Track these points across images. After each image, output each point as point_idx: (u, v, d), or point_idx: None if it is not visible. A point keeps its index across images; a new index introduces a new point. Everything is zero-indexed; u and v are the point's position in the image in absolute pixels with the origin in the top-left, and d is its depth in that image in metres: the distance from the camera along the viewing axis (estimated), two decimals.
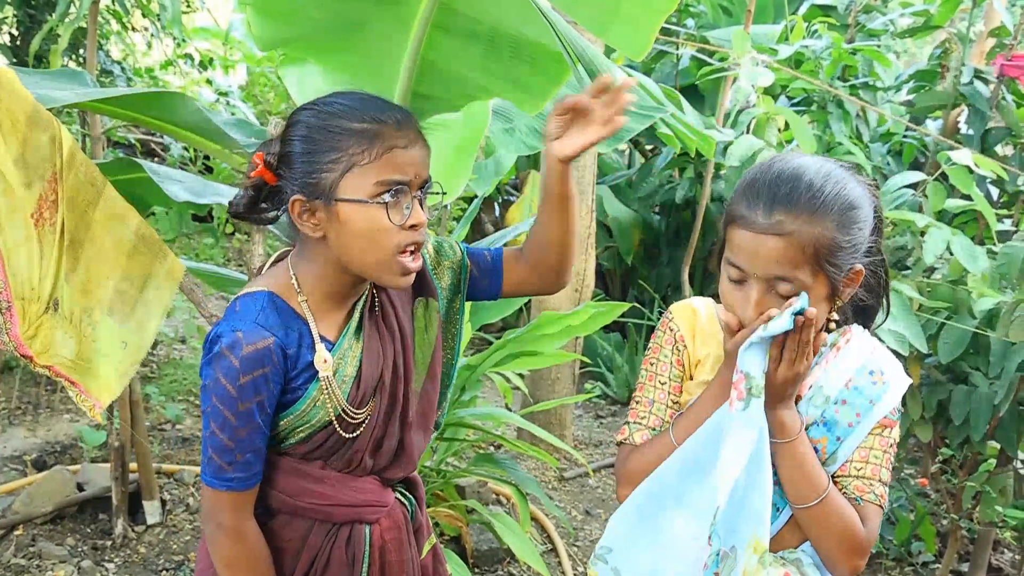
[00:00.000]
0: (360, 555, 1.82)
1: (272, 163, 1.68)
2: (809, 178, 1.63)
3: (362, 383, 1.74)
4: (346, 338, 1.73)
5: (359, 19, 2.26)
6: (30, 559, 3.71)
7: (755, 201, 1.63)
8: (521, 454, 5.02)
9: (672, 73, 6.94)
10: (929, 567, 4.16)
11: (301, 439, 1.74)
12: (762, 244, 1.61)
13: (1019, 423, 3.31)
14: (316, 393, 1.69)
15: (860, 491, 1.72)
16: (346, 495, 1.79)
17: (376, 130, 1.61)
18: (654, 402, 1.90)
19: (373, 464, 1.81)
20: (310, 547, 1.80)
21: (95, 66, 3.54)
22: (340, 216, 1.61)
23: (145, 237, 2.39)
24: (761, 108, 4.11)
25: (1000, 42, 4.70)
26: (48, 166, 2.03)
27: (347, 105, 1.65)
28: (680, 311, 1.91)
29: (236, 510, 1.69)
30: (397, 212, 1.62)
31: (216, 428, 1.64)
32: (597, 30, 2.16)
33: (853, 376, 1.73)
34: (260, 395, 1.62)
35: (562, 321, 3.54)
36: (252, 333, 1.61)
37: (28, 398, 5.44)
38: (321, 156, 1.61)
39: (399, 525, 1.89)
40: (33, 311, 2.02)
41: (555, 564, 4.12)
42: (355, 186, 1.60)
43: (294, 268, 1.72)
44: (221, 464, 1.65)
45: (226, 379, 1.60)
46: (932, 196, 3.50)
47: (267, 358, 1.62)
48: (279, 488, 1.76)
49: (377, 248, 1.63)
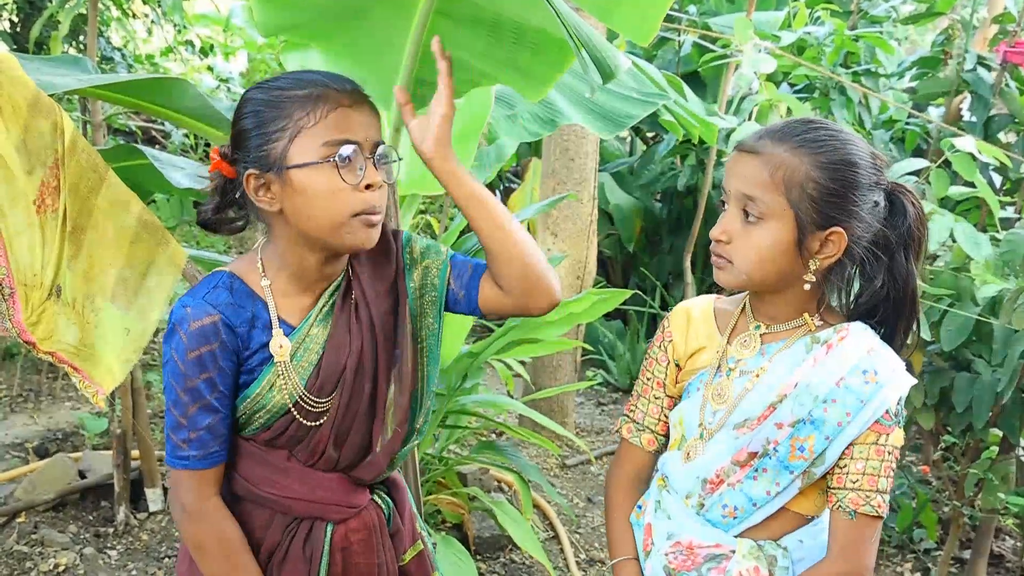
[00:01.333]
0: (318, 553, 1.79)
1: (227, 153, 1.68)
2: (817, 123, 1.70)
3: (322, 371, 1.71)
4: (309, 323, 1.71)
5: (361, 5, 2.25)
6: (32, 546, 3.71)
7: (755, 131, 1.73)
8: (523, 441, 5.03)
9: (674, 60, 6.93)
10: (931, 554, 4.17)
11: (262, 425, 1.72)
12: (740, 161, 1.70)
13: (1022, 410, 3.31)
14: (271, 377, 1.68)
15: (855, 504, 1.70)
16: (307, 490, 1.76)
17: (320, 92, 1.59)
18: (640, 396, 1.99)
19: (339, 458, 1.78)
20: (270, 538, 1.78)
21: (95, 53, 3.53)
22: (294, 183, 1.59)
23: (147, 224, 2.39)
24: (763, 95, 4.11)
25: (1003, 29, 4.70)
26: (50, 152, 2.02)
27: (291, 78, 1.64)
28: (678, 309, 1.97)
29: (196, 490, 1.67)
30: (350, 172, 1.59)
31: (171, 405, 1.65)
32: (602, 15, 2.15)
33: (845, 375, 1.70)
34: (208, 372, 1.62)
35: (564, 308, 3.54)
36: (198, 309, 1.62)
37: (30, 385, 5.45)
38: (269, 126, 1.60)
39: (369, 527, 1.85)
40: (36, 298, 2.02)
41: (557, 551, 4.13)
42: (304, 150, 1.58)
43: (261, 252, 1.72)
44: (176, 442, 1.65)
45: (177, 354, 1.62)
46: (935, 183, 3.49)
47: (212, 334, 1.61)
48: (241, 473, 1.75)
49: (333, 211, 1.60)
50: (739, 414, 1.75)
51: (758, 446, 1.73)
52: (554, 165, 5.07)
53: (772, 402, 1.72)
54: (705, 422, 1.81)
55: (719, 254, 1.75)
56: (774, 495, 1.75)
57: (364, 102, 1.65)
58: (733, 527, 1.78)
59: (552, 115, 3.28)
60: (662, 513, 1.86)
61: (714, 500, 1.78)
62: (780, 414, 1.71)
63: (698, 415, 1.83)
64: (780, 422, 1.71)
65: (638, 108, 3.28)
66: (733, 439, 1.76)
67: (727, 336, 1.85)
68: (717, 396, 1.80)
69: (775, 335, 1.80)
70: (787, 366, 1.74)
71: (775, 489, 1.74)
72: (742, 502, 1.76)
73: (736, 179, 1.69)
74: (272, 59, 6.29)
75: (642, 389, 1.98)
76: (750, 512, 1.76)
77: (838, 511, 1.73)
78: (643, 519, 1.91)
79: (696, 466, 1.80)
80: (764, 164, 1.65)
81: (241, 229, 1.78)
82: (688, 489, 1.82)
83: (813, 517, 1.81)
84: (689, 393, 1.88)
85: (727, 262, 1.73)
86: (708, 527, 1.80)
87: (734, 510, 1.77)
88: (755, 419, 1.73)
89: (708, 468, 1.78)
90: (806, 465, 1.72)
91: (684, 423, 1.86)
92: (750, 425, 1.74)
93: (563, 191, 4.91)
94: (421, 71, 2.34)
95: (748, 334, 1.82)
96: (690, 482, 1.81)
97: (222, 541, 1.69)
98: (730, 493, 1.77)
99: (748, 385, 1.76)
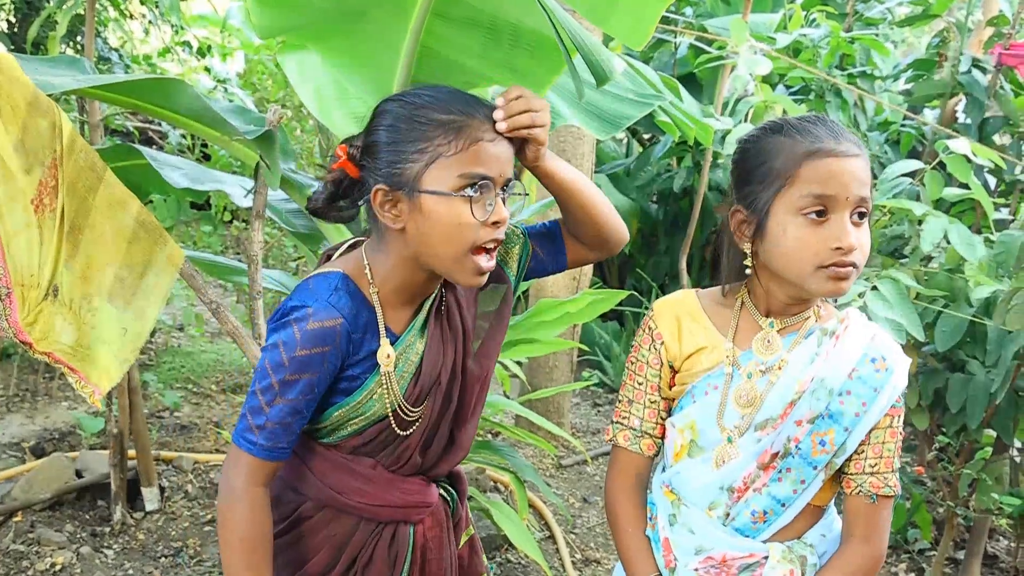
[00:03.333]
0: (403, 555, 1.83)
1: (355, 155, 1.68)
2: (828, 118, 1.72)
3: (420, 381, 1.73)
4: (410, 334, 1.72)
5: (359, 7, 2.26)
6: (29, 545, 3.72)
7: (819, 135, 1.67)
8: (519, 441, 5.03)
9: (670, 61, 6.94)
10: (925, 554, 4.18)
11: (354, 431, 1.73)
12: (852, 165, 1.64)
13: (1015, 411, 3.32)
14: (374, 386, 1.68)
15: (875, 487, 1.74)
16: (394, 496, 1.79)
17: (463, 122, 1.58)
18: (633, 402, 1.93)
19: (421, 463, 1.81)
20: (354, 544, 1.80)
21: (93, 53, 3.54)
22: (422, 208, 1.59)
23: (145, 223, 2.39)
24: (759, 97, 4.11)
25: (998, 31, 4.70)
26: (48, 152, 2.03)
27: (435, 96, 1.62)
28: (661, 308, 1.91)
29: (250, 474, 1.66)
30: (480, 208, 1.59)
31: (258, 389, 1.63)
32: (597, 19, 2.16)
33: (856, 366, 1.72)
34: (313, 372, 1.61)
35: (560, 308, 3.54)
36: (322, 311, 1.61)
37: (26, 385, 5.45)
38: (406, 146, 1.59)
39: (441, 523, 1.89)
40: (33, 297, 2.02)
41: (553, 551, 4.13)
42: (439, 178, 1.58)
43: (368, 257, 1.71)
44: (251, 425, 1.64)
45: (284, 347, 1.60)
46: (930, 185, 3.50)
47: (330, 338, 1.61)
48: (330, 484, 1.76)
49: (456, 243, 1.60)
50: (762, 414, 1.75)
51: (780, 446, 1.74)
52: None
53: (792, 399, 1.73)
54: (729, 426, 1.78)
55: (851, 263, 1.65)
56: (800, 492, 1.76)
57: (504, 136, 1.64)
58: (763, 532, 1.78)
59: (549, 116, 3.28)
60: (681, 527, 1.84)
61: (740, 507, 1.78)
62: (799, 411, 1.72)
63: (716, 420, 1.80)
64: (799, 419, 1.72)
65: (634, 109, 3.28)
66: (755, 442, 1.75)
67: (731, 336, 1.82)
68: (743, 400, 1.77)
69: (788, 328, 1.80)
70: (804, 360, 1.75)
71: (801, 487, 1.75)
72: (770, 504, 1.76)
73: (857, 184, 1.63)
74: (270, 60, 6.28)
75: (634, 394, 1.92)
76: (779, 513, 1.77)
77: (858, 496, 1.75)
78: (658, 533, 1.88)
79: (723, 474, 1.78)
80: (865, 164, 1.66)
81: (351, 219, 1.78)
82: (711, 500, 1.80)
83: (825, 506, 1.83)
84: (695, 397, 1.83)
85: (854, 270, 1.66)
86: (738, 537, 1.79)
87: (764, 514, 1.77)
88: (777, 417, 1.73)
89: (735, 475, 1.77)
90: (829, 458, 1.73)
91: (697, 428, 1.82)
92: (773, 424, 1.74)
93: None
94: (418, 72, 2.35)
95: (766, 334, 1.79)
96: (713, 492, 1.80)
97: (251, 534, 1.68)
98: (756, 498, 1.77)
99: (772, 379, 1.76)
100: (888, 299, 3.03)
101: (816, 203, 1.63)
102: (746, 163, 1.76)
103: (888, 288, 3.05)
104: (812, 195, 1.63)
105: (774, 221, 1.68)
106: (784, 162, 1.67)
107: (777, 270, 1.72)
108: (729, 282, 1.86)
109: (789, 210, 1.66)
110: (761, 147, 1.72)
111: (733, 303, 1.85)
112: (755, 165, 1.72)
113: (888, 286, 3.06)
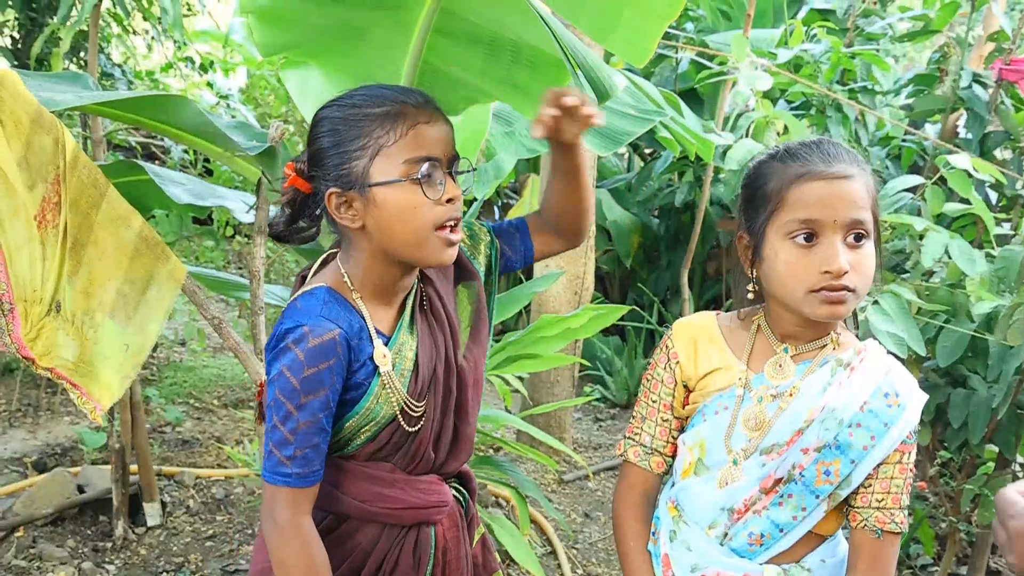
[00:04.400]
0: (426, 557, 1.85)
1: (303, 169, 1.71)
2: (829, 140, 1.71)
3: (419, 376, 1.75)
4: (401, 332, 1.75)
5: (361, 24, 2.27)
6: (31, 560, 3.72)
7: (810, 158, 1.67)
8: (520, 456, 5.02)
9: (671, 77, 6.96)
10: (928, 570, 4.17)
11: (368, 438, 1.75)
12: (839, 187, 1.64)
13: (1017, 426, 3.32)
14: (378, 388, 1.70)
15: (881, 523, 1.73)
16: (415, 497, 1.80)
17: (397, 110, 1.63)
18: (645, 419, 1.94)
19: (435, 459, 1.83)
20: (379, 551, 1.81)
21: (96, 69, 3.55)
22: (376, 201, 1.64)
23: (147, 239, 2.40)
24: (760, 112, 4.11)
25: (999, 46, 4.71)
26: (51, 168, 2.04)
27: (366, 94, 1.68)
28: (679, 328, 1.91)
29: (293, 507, 1.66)
30: (431, 187, 1.64)
31: (277, 421, 1.64)
32: (598, 37, 2.17)
33: (868, 399, 1.71)
34: (324, 388, 1.63)
35: (561, 324, 3.55)
36: (318, 326, 1.63)
37: (28, 400, 5.45)
38: (348, 145, 1.64)
39: (456, 523, 1.92)
40: (35, 313, 2.03)
41: (554, 567, 4.13)
42: (385, 168, 1.62)
43: (343, 266, 1.74)
44: (280, 458, 1.64)
45: (290, 372, 1.61)
46: (931, 200, 3.50)
47: (332, 350, 1.63)
48: (352, 495, 1.77)
49: (415, 227, 1.65)
50: (769, 439, 1.74)
51: (784, 472, 1.73)
52: None
53: (800, 427, 1.72)
54: (736, 448, 1.78)
55: (843, 287, 1.64)
56: (800, 520, 1.75)
57: (440, 116, 1.70)
58: (760, 555, 1.78)
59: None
60: (680, 544, 1.84)
61: (739, 528, 1.77)
62: (807, 439, 1.71)
63: (723, 441, 1.79)
64: (806, 447, 1.71)
65: (635, 125, 3.29)
66: (760, 466, 1.75)
67: (746, 358, 1.82)
68: (751, 423, 1.77)
69: (802, 355, 1.79)
70: (816, 389, 1.73)
71: (801, 514, 1.74)
72: (768, 528, 1.76)
73: (845, 206, 1.62)
74: (272, 76, 6.30)
75: (647, 411, 1.93)
76: (777, 538, 1.76)
77: (863, 530, 1.74)
78: (659, 548, 1.89)
79: (725, 495, 1.78)
80: (860, 185, 1.65)
81: (313, 238, 1.82)
82: (711, 519, 1.80)
83: (831, 536, 1.82)
84: (705, 416, 1.83)
85: (850, 293, 1.64)
86: (734, 557, 1.78)
87: (760, 537, 1.76)
88: (784, 444, 1.73)
89: (737, 497, 1.77)
90: (832, 488, 1.72)
91: (705, 447, 1.82)
92: (779, 451, 1.73)
93: None
94: (419, 88, 2.35)
95: (779, 358, 1.79)
96: (713, 512, 1.80)
97: (307, 558, 1.68)
98: (755, 520, 1.76)
99: (783, 405, 1.75)
100: (889, 314, 3.03)
101: (803, 227, 1.64)
102: (747, 188, 1.77)
103: (889, 303, 3.05)
104: (798, 219, 1.64)
105: (768, 246, 1.69)
106: (774, 186, 1.68)
107: (775, 294, 1.73)
108: (742, 306, 1.87)
109: (779, 234, 1.67)
110: (760, 172, 1.74)
111: (750, 326, 1.85)
112: (753, 190, 1.74)
113: (889, 301, 3.06)
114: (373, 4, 2.22)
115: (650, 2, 2.02)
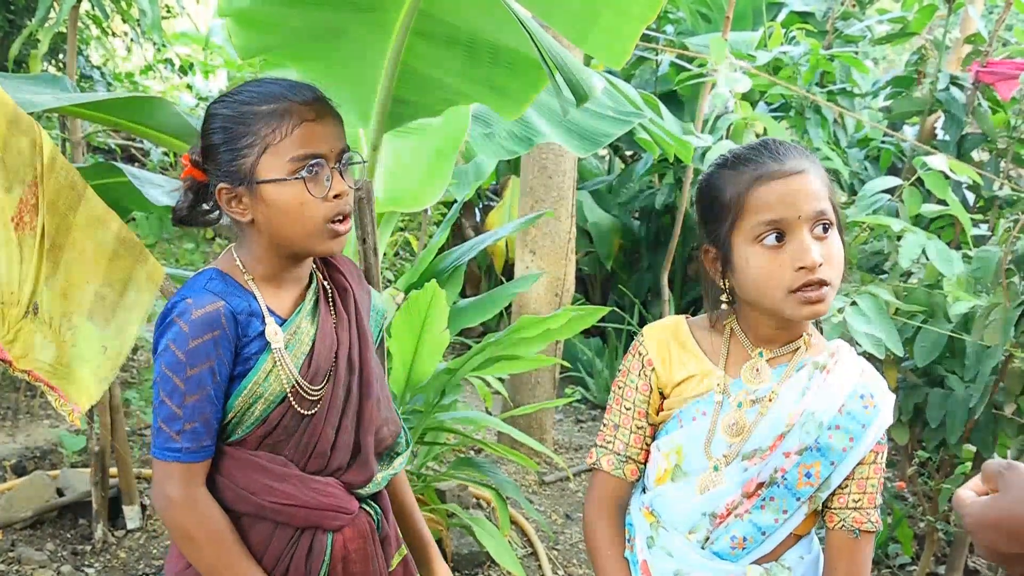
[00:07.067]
0: (318, 564, 1.81)
1: (198, 161, 1.74)
2: (773, 139, 1.72)
3: (314, 361, 1.76)
4: (299, 316, 1.76)
5: (339, 27, 2.27)
6: (9, 564, 3.70)
7: (760, 159, 1.67)
8: (501, 458, 5.03)
9: (651, 79, 6.97)
10: (906, 569, 4.19)
11: (258, 419, 1.73)
12: (797, 183, 1.64)
13: (994, 426, 3.34)
14: (267, 364, 1.70)
15: (858, 523, 1.74)
16: (307, 495, 1.78)
17: (284, 108, 1.65)
18: (618, 427, 1.90)
19: (331, 459, 1.81)
20: (270, 555, 1.78)
21: (75, 71, 3.54)
22: (264, 197, 1.66)
23: (126, 241, 2.39)
24: (739, 114, 4.14)
25: (976, 49, 4.75)
26: (29, 170, 2.03)
27: (256, 90, 1.69)
28: (651, 333, 1.89)
29: (185, 481, 1.67)
30: (317, 185, 1.66)
31: (165, 396, 1.65)
32: (575, 39, 2.17)
33: (845, 401, 1.72)
34: (210, 360, 1.64)
35: (541, 325, 3.55)
36: (201, 298, 1.65)
37: (7, 403, 5.42)
38: (237, 142, 1.66)
39: (364, 535, 1.87)
40: (12, 315, 2.02)
41: (535, 568, 4.13)
42: (272, 166, 1.65)
43: (236, 251, 1.77)
44: (170, 434, 1.65)
45: (175, 345, 1.63)
46: (908, 201, 3.53)
47: (216, 321, 1.64)
48: (241, 485, 1.75)
49: (303, 223, 1.67)
50: (751, 444, 1.74)
51: (766, 476, 1.73)
52: (532, 183, 5.09)
53: (782, 431, 1.72)
54: (716, 454, 1.77)
55: (820, 281, 1.63)
56: (782, 522, 1.75)
57: (327, 112, 1.71)
58: (742, 558, 1.77)
59: (529, 133, 3.30)
60: (659, 550, 1.82)
61: (720, 532, 1.77)
62: (788, 443, 1.71)
63: (703, 447, 1.78)
64: (788, 451, 1.71)
65: (614, 127, 3.30)
66: (742, 471, 1.74)
67: (722, 364, 1.80)
68: (732, 429, 1.75)
69: (778, 359, 1.79)
70: (795, 393, 1.73)
71: (783, 516, 1.75)
72: (751, 531, 1.76)
73: (807, 199, 1.63)
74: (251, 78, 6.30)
75: (620, 419, 1.89)
76: (759, 541, 1.76)
77: (841, 531, 1.75)
78: (636, 555, 1.87)
79: (706, 500, 1.77)
80: (816, 177, 1.66)
81: (216, 221, 1.83)
82: (692, 524, 1.79)
83: (805, 534, 1.83)
84: (681, 422, 1.81)
85: (827, 287, 1.63)
86: (716, 561, 1.78)
87: (743, 540, 1.76)
88: (766, 448, 1.72)
89: (718, 502, 1.76)
90: (813, 491, 1.73)
91: (683, 453, 1.80)
92: (761, 455, 1.73)
93: (541, 209, 4.93)
94: (399, 90, 2.36)
95: (755, 362, 1.78)
96: (694, 517, 1.79)
97: (212, 530, 1.69)
98: (738, 524, 1.76)
99: (762, 411, 1.74)
100: (867, 315, 3.05)
101: (769, 228, 1.64)
102: (703, 201, 1.77)
103: (867, 304, 3.07)
104: (763, 222, 1.64)
105: (737, 254, 1.69)
106: (732, 194, 1.68)
107: (752, 301, 1.72)
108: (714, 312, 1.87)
109: (747, 240, 1.66)
110: (713, 183, 1.74)
111: (723, 331, 1.84)
112: (710, 202, 1.74)
113: (867, 302, 3.08)
114: (351, 7, 2.22)
115: (627, 4, 2.03)
